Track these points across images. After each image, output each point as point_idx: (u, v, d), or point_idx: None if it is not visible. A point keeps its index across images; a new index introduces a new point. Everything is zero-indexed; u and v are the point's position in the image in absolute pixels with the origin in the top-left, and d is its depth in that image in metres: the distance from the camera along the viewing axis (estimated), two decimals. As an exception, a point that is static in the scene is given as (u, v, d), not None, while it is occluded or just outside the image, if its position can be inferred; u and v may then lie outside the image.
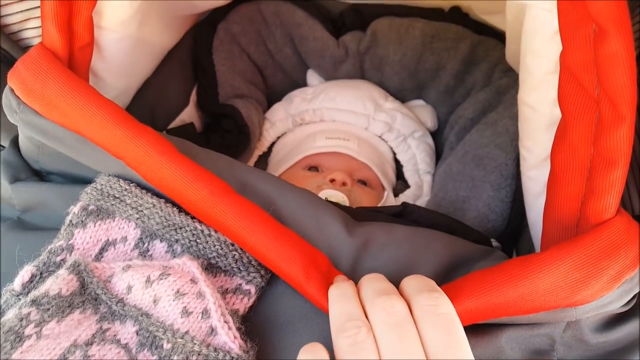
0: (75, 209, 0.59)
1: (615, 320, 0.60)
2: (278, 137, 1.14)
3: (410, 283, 0.50)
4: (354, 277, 0.55)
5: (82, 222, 0.58)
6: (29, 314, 0.49)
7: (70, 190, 0.62)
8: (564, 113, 0.55)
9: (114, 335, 0.50)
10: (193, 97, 1.04)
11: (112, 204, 0.59)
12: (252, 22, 1.09)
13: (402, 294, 0.50)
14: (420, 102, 1.14)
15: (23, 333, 0.48)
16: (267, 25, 1.10)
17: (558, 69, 0.56)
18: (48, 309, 0.49)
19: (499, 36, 1.03)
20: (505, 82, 0.98)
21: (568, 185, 0.56)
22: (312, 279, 0.54)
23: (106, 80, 0.76)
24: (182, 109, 1.00)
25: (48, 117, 0.62)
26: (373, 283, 0.51)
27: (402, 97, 1.15)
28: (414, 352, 0.45)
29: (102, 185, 0.60)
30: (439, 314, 0.47)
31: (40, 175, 0.68)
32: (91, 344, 0.49)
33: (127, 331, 0.51)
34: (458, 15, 1.06)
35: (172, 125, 0.97)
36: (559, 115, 0.57)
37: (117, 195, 0.59)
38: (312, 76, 1.17)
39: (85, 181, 0.63)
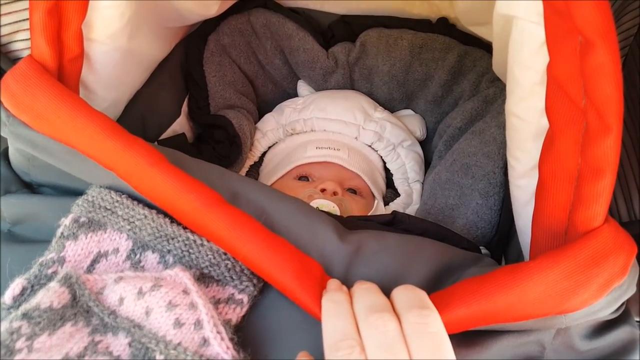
0: (66, 221, 0.59)
1: (605, 327, 0.60)
2: (269, 147, 1.13)
3: (401, 297, 0.50)
4: (347, 283, 0.55)
5: (74, 234, 0.57)
6: (19, 327, 0.48)
7: (61, 203, 0.62)
8: (552, 123, 0.55)
9: (106, 348, 0.49)
10: (184, 107, 1.03)
11: (104, 216, 0.58)
12: (242, 34, 1.09)
13: (392, 305, 0.50)
14: (409, 111, 1.14)
15: (14, 347, 0.47)
16: (257, 37, 1.10)
17: (545, 80, 0.56)
18: (39, 322, 0.49)
19: (486, 47, 1.04)
20: (492, 91, 0.98)
21: (556, 194, 0.56)
22: (305, 287, 0.53)
23: (97, 92, 0.75)
24: (173, 119, 0.99)
25: (38, 129, 0.61)
26: (366, 297, 0.51)
27: (391, 106, 1.15)
28: None
29: (93, 197, 0.59)
30: (428, 333, 0.47)
31: (30, 188, 0.67)
32: (83, 357, 0.48)
33: (119, 343, 0.50)
34: (445, 27, 1.06)
35: (164, 135, 0.97)
36: (546, 125, 0.57)
37: (108, 207, 0.58)
38: (302, 87, 1.17)
39: (76, 193, 0.62)
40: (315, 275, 0.55)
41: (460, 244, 0.73)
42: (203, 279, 0.56)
